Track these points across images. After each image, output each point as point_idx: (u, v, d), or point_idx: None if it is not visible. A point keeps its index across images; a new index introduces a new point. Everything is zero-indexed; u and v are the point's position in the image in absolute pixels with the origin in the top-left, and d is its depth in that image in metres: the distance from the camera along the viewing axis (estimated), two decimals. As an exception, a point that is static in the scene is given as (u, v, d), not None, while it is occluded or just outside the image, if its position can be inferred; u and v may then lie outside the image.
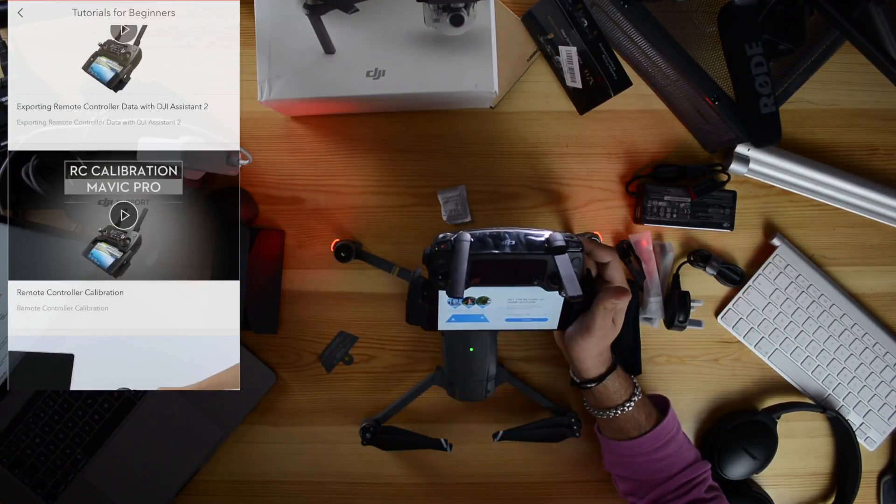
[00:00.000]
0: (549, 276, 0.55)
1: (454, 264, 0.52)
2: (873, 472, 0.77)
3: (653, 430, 0.64)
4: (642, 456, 0.64)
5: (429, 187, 0.77)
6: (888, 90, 0.67)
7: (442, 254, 0.53)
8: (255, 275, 0.74)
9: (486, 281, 0.57)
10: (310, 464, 0.76)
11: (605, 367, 0.65)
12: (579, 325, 0.62)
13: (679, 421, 0.68)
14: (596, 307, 0.60)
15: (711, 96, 0.67)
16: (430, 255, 0.54)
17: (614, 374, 0.64)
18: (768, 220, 0.77)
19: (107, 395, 0.75)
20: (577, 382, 0.67)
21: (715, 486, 0.65)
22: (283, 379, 0.77)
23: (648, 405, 0.66)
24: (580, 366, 0.64)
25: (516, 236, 0.55)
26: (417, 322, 0.64)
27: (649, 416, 0.65)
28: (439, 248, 0.53)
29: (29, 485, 0.74)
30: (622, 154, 0.77)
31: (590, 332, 0.61)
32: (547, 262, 0.54)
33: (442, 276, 0.54)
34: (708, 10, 0.68)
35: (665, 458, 0.64)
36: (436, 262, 0.54)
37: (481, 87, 0.66)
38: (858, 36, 0.58)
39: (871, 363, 0.75)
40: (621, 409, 0.64)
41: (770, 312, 0.76)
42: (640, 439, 0.64)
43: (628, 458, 0.66)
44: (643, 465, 0.65)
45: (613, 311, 0.61)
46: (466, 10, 0.65)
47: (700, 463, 0.66)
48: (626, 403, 0.64)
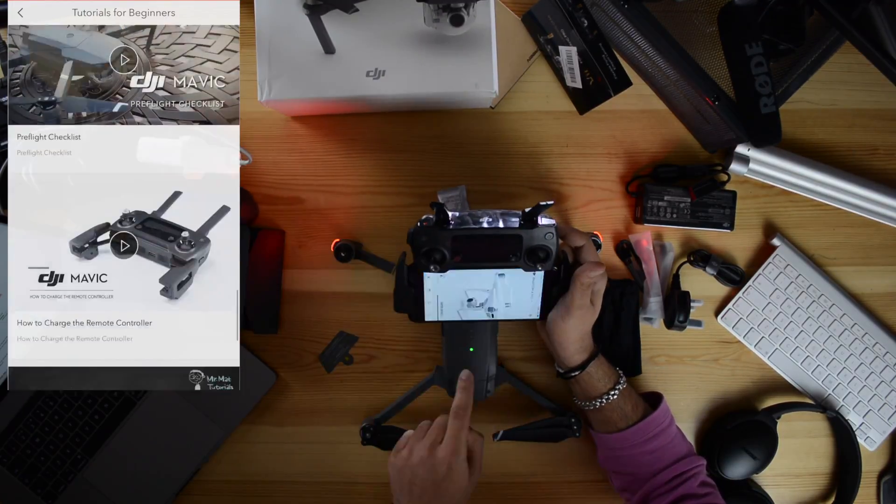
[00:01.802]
0: (526, 252, 0.57)
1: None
2: (873, 472, 0.77)
3: (641, 422, 0.64)
4: (632, 448, 0.65)
5: (429, 187, 0.77)
6: (888, 90, 0.67)
7: (425, 231, 0.55)
8: (255, 275, 0.74)
9: (467, 259, 0.59)
10: (310, 464, 0.76)
11: (587, 354, 0.66)
12: (559, 307, 0.64)
13: (673, 416, 0.68)
14: (573, 284, 0.62)
15: (711, 96, 0.67)
16: (414, 232, 0.55)
17: (596, 361, 0.66)
18: (768, 220, 0.77)
19: (107, 395, 0.75)
20: (562, 373, 0.68)
21: (709, 483, 0.65)
22: (283, 379, 0.77)
23: (635, 396, 0.67)
24: (563, 353, 0.65)
25: (493, 213, 0.58)
26: (404, 310, 0.66)
27: (636, 407, 0.66)
28: (422, 224, 0.54)
29: (29, 485, 0.74)
30: (622, 154, 0.77)
31: (569, 311, 0.62)
32: (523, 236, 0.56)
33: (426, 254, 0.55)
34: (708, 10, 0.68)
35: (654, 451, 0.64)
36: (419, 240, 0.55)
37: (481, 87, 0.66)
38: (858, 36, 0.58)
39: (871, 363, 0.75)
40: (606, 398, 0.65)
41: (770, 312, 0.76)
42: (628, 431, 0.64)
43: (618, 450, 0.66)
44: (633, 457, 0.65)
45: (591, 287, 0.62)
46: (466, 10, 0.65)
47: (693, 457, 0.65)
48: (610, 392, 0.65)
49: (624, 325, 0.74)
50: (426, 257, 0.56)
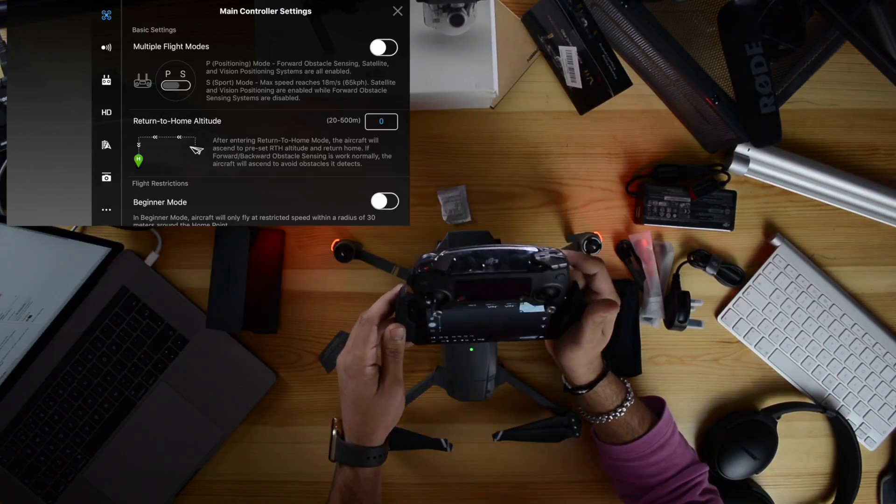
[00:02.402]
0: (534, 292, 0.56)
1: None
2: (873, 472, 0.77)
3: (646, 435, 0.64)
4: (636, 460, 0.64)
5: (429, 187, 0.77)
6: (888, 90, 0.67)
7: (425, 275, 0.54)
8: (255, 275, 0.74)
9: (472, 298, 0.57)
10: (310, 464, 0.76)
11: (595, 374, 0.64)
12: (568, 337, 0.61)
13: (675, 422, 0.67)
14: (585, 320, 0.58)
15: (711, 96, 0.67)
16: (414, 276, 0.54)
17: (605, 380, 0.64)
18: (768, 220, 0.77)
19: (107, 395, 0.75)
20: (570, 388, 0.67)
21: (711, 489, 0.65)
22: (283, 379, 0.77)
23: (642, 409, 0.66)
24: (570, 374, 0.64)
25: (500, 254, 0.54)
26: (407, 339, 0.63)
27: (643, 421, 0.65)
28: (422, 270, 0.53)
29: (29, 485, 0.74)
30: (622, 154, 0.77)
31: (579, 344, 0.59)
32: (532, 279, 0.55)
33: (428, 295, 0.55)
34: (708, 10, 0.68)
35: (659, 462, 0.64)
36: (420, 284, 0.54)
37: (481, 87, 0.66)
38: (858, 36, 0.58)
39: (871, 363, 0.75)
40: (613, 415, 0.64)
41: (770, 312, 0.76)
42: (634, 444, 0.64)
43: (622, 462, 0.65)
44: (637, 469, 0.65)
45: (602, 323, 0.60)
46: (466, 10, 0.65)
47: (695, 466, 0.65)
48: (618, 409, 0.64)
49: (624, 325, 0.74)
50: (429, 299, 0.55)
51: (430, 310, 0.57)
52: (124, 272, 0.75)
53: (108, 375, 0.75)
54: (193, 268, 0.76)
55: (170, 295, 0.76)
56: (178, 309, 0.76)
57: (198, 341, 0.75)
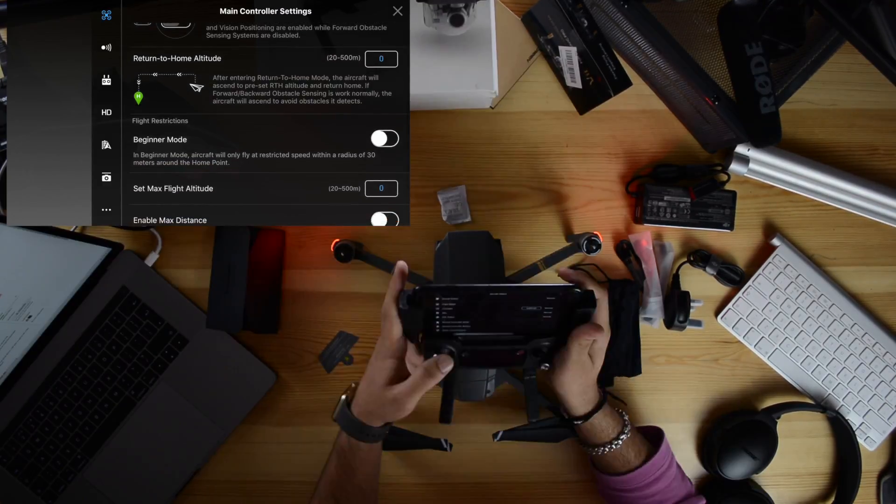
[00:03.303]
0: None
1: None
2: (873, 472, 0.77)
3: (642, 467, 0.63)
4: (632, 492, 0.64)
5: (429, 187, 0.77)
6: (888, 90, 0.67)
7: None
8: (255, 275, 0.74)
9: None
10: (310, 464, 0.76)
11: (590, 406, 0.63)
12: (558, 359, 0.61)
13: (673, 454, 0.67)
14: (571, 341, 0.58)
15: (711, 96, 0.67)
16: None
17: (601, 412, 0.63)
18: (768, 220, 0.77)
19: (107, 395, 0.75)
20: (566, 419, 0.67)
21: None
22: (283, 379, 0.77)
23: (639, 441, 0.65)
24: (565, 404, 0.64)
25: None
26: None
27: (639, 453, 0.64)
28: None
29: (29, 485, 0.74)
30: (622, 154, 0.77)
31: (565, 366, 0.59)
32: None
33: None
34: (708, 10, 0.68)
35: (654, 495, 0.64)
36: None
37: (481, 88, 0.66)
38: (858, 36, 0.58)
39: (871, 363, 0.75)
40: (609, 447, 0.63)
41: (770, 312, 0.76)
42: (629, 476, 0.63)
43: (618, 492, 0.65)
44: (633, 500, 0.64)
45: (588, 347, 0.60)
46: (466, 10, 0.65)
47: (692, 499, 0.65)
48: (614, 441, 0.63)
49: (624, 325, 0.74)
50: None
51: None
52: (124, 272, 0.75)
53: (108, 375, 0.75)
54: (193, 268, 0.76)
55: (170, 295, 0.76)
56: (178, 309, 0.76)
57: (198, 341, 0.75)
